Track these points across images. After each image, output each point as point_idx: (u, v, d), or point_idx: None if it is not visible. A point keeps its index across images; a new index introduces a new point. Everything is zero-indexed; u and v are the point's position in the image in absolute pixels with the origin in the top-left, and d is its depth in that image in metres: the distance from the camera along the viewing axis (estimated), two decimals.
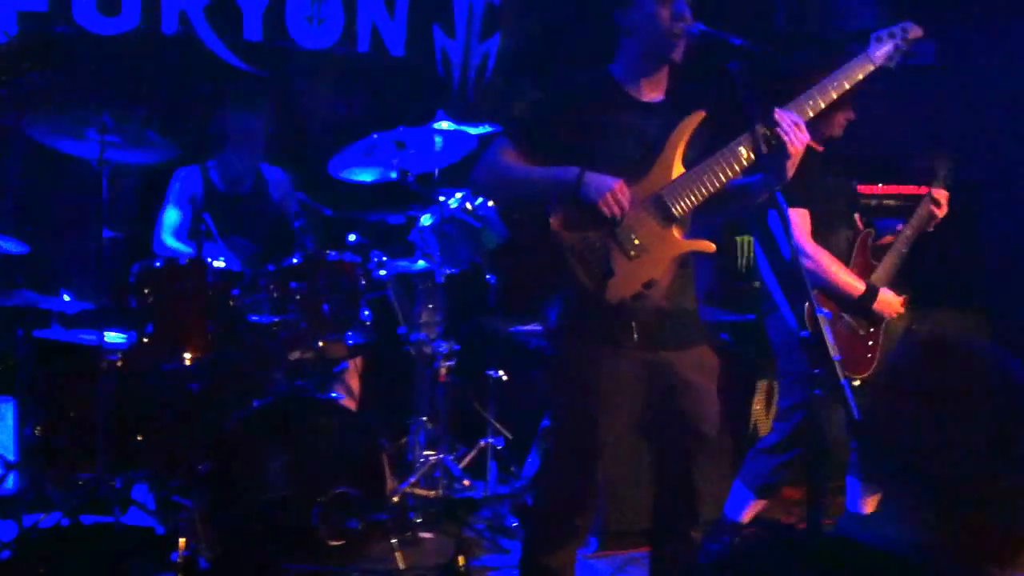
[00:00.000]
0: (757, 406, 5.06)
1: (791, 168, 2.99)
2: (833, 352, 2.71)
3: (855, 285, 4.05)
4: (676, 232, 3.05)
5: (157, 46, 5.13)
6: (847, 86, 3.12)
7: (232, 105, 4.89)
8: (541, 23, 5.92)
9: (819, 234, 4.06)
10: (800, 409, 4.13)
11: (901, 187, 4.96)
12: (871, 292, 4.05)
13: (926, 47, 5.29)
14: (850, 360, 4.04)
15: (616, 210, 2.92)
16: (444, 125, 4.74)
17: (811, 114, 3.07)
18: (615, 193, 2.91)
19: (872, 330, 4.09)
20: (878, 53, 3.18)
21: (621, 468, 3.99)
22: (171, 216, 4.75)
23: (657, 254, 3.02)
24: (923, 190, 4.35)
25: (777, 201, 2.93)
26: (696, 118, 3.07)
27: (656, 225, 3.02)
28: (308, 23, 5.40)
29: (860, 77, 3.15)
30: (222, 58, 5.25)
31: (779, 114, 2.97)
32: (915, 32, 3.21)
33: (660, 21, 3.03)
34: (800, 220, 3.99)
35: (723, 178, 3.02)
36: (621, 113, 3.10)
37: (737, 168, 3.03)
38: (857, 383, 4.07)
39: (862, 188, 4.56)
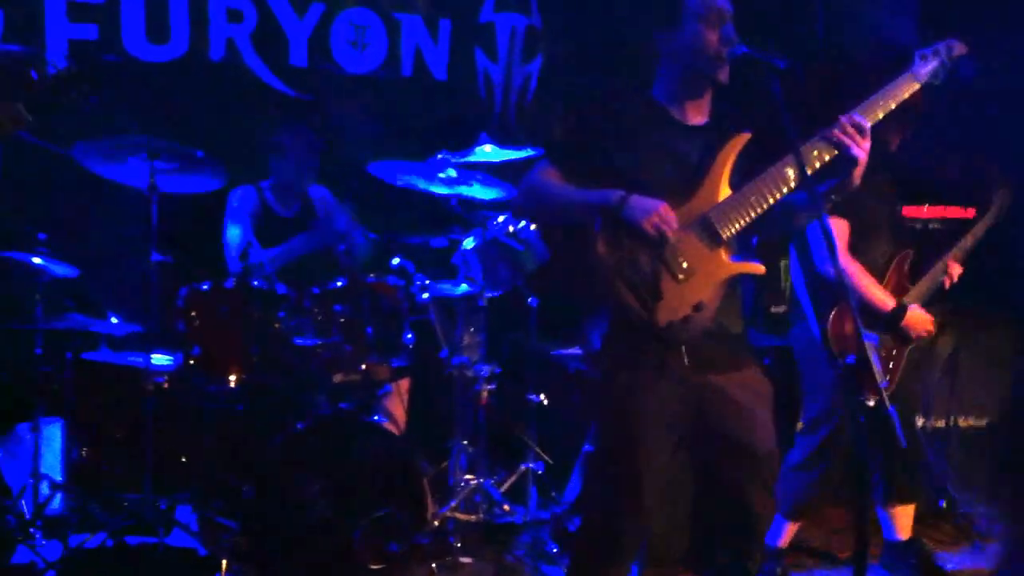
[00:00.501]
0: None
1: (858, 176, 2.98)
2: (880, 379, 2.69)
3: (885, 300, 4.01)
4: (724, 254, 3.03)
5: (205, 73, 5.21)
6: (892, 105, 3.11)
7: (283, 128, 4.95)
8: (583, 46, 5.92)
9: (855, 247, 4.03)
10: (825, 423, 4.09)
11: (946, 208, 4.91)
12: (901, 309, 4.00)
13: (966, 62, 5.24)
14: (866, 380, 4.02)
15: (660, 232, 2.90)
16: (487, 148, 4.77)
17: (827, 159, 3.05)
18: (660, 215, 2.90)
19: (895, 351, 4.04)
20: (923, 71, 3.17)
21: (665, 495, 3.97)
22: (235, 235, 4.80)
23: (705, 277, 3.00)
24: (968, 212, 4.32)
25: (821, 217, 2.90)
26: (742, 140, 3.07)
27: (704, 248, 3.00)
28: (352, 48, 5.46)
29: (906, 95, 3.14)
30: (268, 83, 5.33)
31: (844, 120, 2.96)
32: (960, 50, 3.20)
33: (707, 44, 3.03)
34: (838, 230, 3.95)
35: (771, 199, 3.01)
36: (665, 135, 3.09)
37: (785, 189, 3.01)
38: (872, 403, 4.02)
39: (907, 211, 4.52)
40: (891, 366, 4.05)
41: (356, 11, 5.45)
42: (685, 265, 2.97)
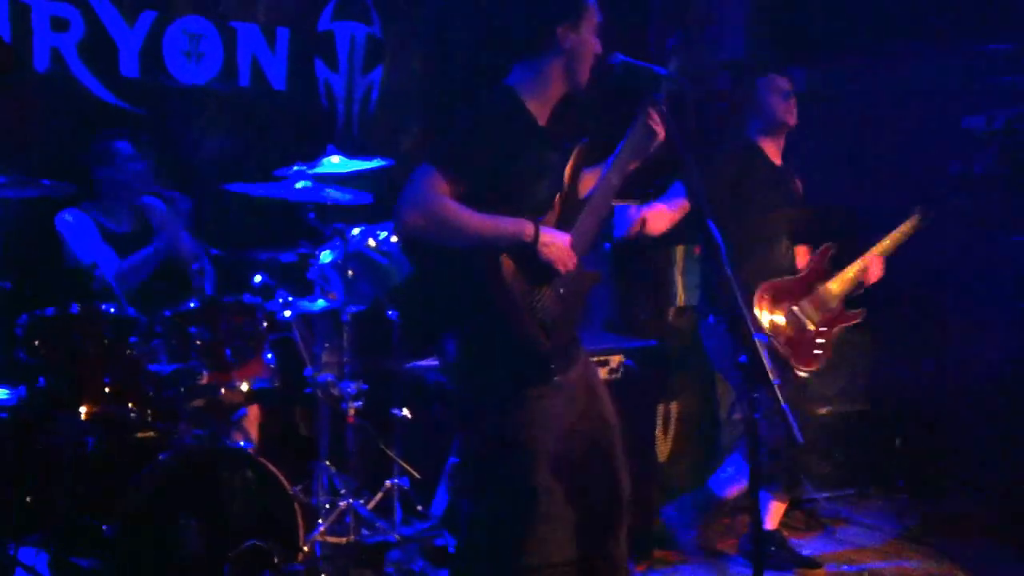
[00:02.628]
0: (657, 431, 5.10)
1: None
2: (772, 376, 2.75)
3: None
4: (581, 266, 3.13)
5: (29, 84, 4.87)
6: None
7: (104, 139, 4.68)
8: (425, 54, 5.87)
9: (760, 241, 4.17)
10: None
11: None
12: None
13: (797, 75, 5.46)
14: (798, 353, 4.18)
15: (569, 266, 3.01)
16: (335, 159, 4.65)
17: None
18: (567, 251, 3.00)
19: (824, 328, 4.22)
20: None
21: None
22: (93, 248, 4.51)
23: (578, 291, 3.14)
24: None
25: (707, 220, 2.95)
26: (584, 149, 3.17)
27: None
28: (186, 58, 5.22)
29: None
30: (98, 96, 5.03)
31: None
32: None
33: (592, 52, 3.10)
34: None
35: (610, 204, 3.25)
36: (532, 141, 3.10)
37: (612, 194, 3.17)
38: (805, 375, 4.21)
39: None
40: (819, 341, 4.29)
41: (190, 19, 5.21)
42: (570, 286, 3.08)
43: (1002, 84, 5.35)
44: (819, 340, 4.27)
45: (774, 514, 4.49)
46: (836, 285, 4.37)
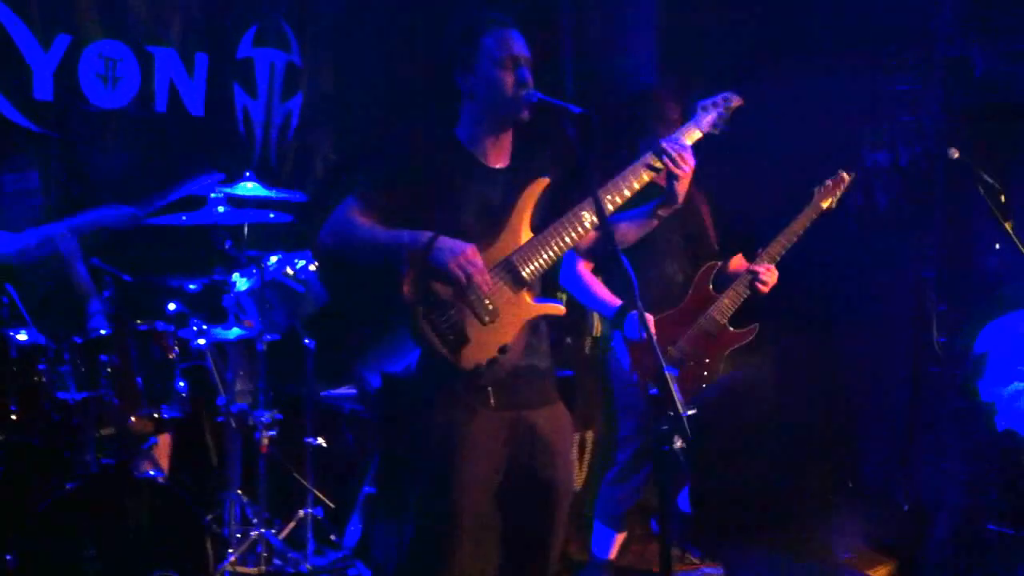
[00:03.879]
0: (573, 459, 5.16)
1: (682, 192, 3.18)
2: (682, 408, 2.80)
3: (610, 300, 4.20)
4: (527, 296, 3.09)
5: None
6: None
7: (10, 166, 4.61)
8: (345, 84, 5.88)
9: (650, 263, 4.21)
10: (635, 440, 4.28)
11: None
12: (623, 309, 4.15)
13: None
14: (683, 389, 4.22)
15: (467, 275, 2.93)
16: (251, 187, 4.65)
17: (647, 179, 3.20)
18: (467, 257, 2.92)
19: (708, 360, 4.24)
20: (704, 121, 3.35)
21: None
22: None
23: (510, 318, 3.05)
24: None
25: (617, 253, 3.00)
26: (541, 184, 3.15)
27: (508, 290, 3.05)
28: (102, 83, 5.17)
29: (690, 143, 3.30)
30: (8, 118, 4.93)
31: (665, 143, 3.17)
32: (737, 101, 3.40)
33: (504, 87, 3.08)
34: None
35: (569, 241, 3.11)
36: (470, 177, 3.13)
37: (582, 231, 3.11)
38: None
39: None
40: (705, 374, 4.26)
41: (106, 43, 5.15)
42: (491, 308, 3.01)
43: (905, 123, 5.52)
44: (704, 373, 4.31)
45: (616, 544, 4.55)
46: (720, 310, 4.29)
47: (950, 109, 5.29)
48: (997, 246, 4.60)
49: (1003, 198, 4.12)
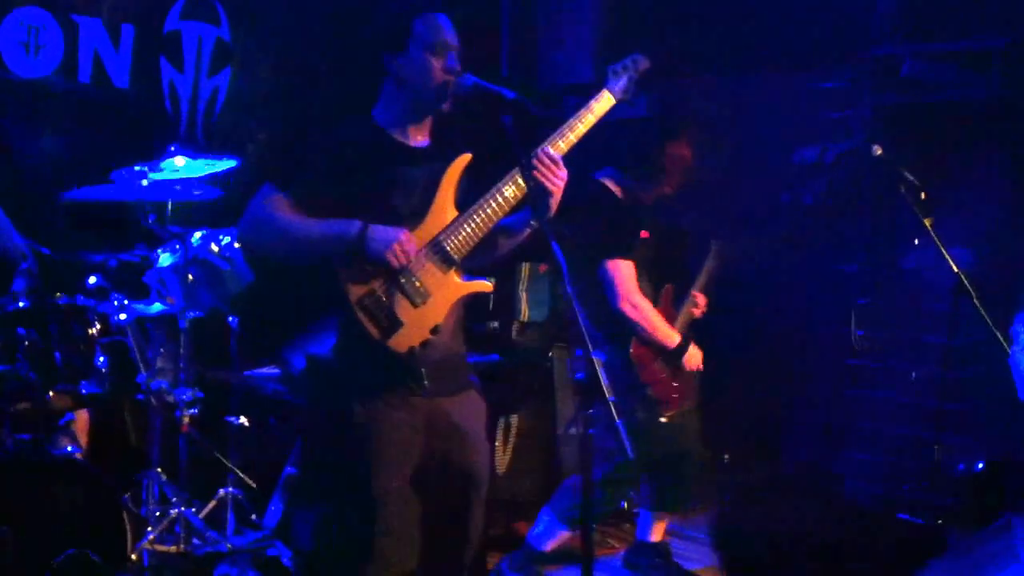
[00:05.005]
0: (498, 443, 5.17)
1: (555, 204, 3.08)
2: (608, 393, 2.82)
3: (671, 337, 4.32)
4: (456, 275, 3.09)
5: None
6: (592, 120, 3.23)
7: None
8: (273, 60, 5.81)
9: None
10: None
11: None
12: (683, 345, 4.32)
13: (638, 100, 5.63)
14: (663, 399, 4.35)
15: (403, 261, 2.92)
16: (179, 161, 4.56)
17: (564, 149, 3.15)
18: (401, 244, 2.92)
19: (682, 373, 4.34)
20: (617, 87, 3.33)
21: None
22: None
23: (440, 299, 3.05)
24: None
25: (551, 243, 3.01)
26: (463, 160, 3.13)
27: (437, 270, 3.05)
28: (24, 50, 5.04)
29: (604, 110, 3.28)
30: None
31: (540, 153, 3.05)
32: (644, 64, 3.39)
33: (432, 73, 3.06)
34: (628, 270, 4.23)
35: (494, 218, 3.09)
36: (391, 160, 3.10)
37: (506, 207, 3.10)
38: (664, 420, 4.31)
39: None
40: (675, 385, 4.37)
41: (29, 10, 5.01)
42: (422, 289, 3.00)
43: (834, 120, 5.61)
44: (675, 384, 4.40)
45: (657, 528, 4.61)
46: (678, 329, 4.46)
47: (878, 108, 5.39)
48: (916, 241, 4.69)
49: (923, 195, 4.20)
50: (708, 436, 5.14)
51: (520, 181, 3.06)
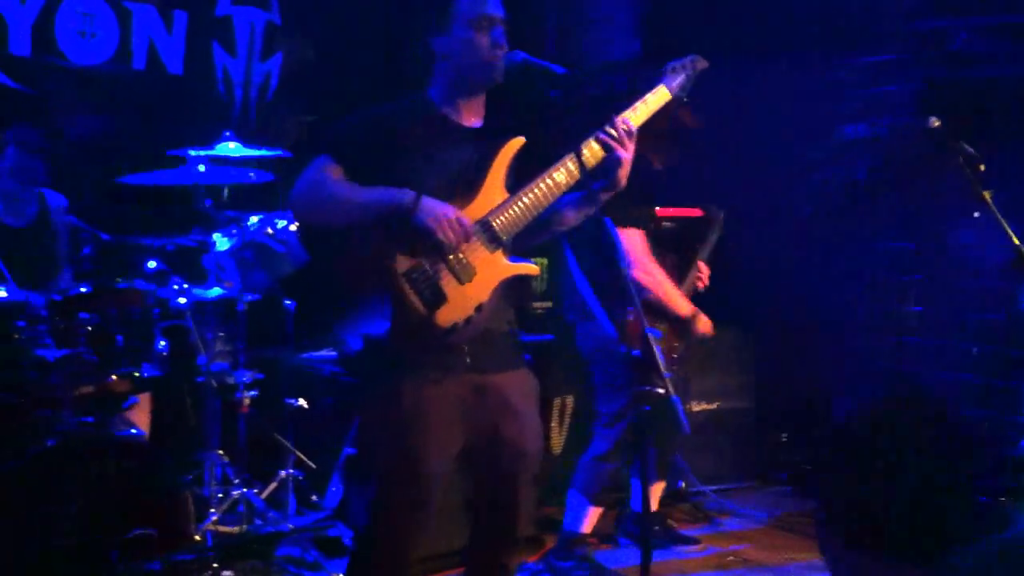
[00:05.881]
0: (553, 423, 5.18)
1: (624, 177, 3.08)
2: (664, 369, 2.83)
3: (683, 306, 4.30)
4: (502, 256, 3.09)
5: None
6: (647, 112, 3.20)
7: (6, 125, 4.55)
8: (324, 44, 5.84)
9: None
10: (624, 417, 4.31)
11: (676, 209, 5.24)
12: (696, 313, 4.28)
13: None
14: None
15: (452, 237, 2.92)
16: (231, 146, 4.61)
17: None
18: (451, 220, 2.92)
19: (675, 345, 4.32)
20: (674, 84, 3.33)
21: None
22: None
23: (485, 278, 3.04)
24: (695, 211, 4.70)
25: (603, 218, 3.04)
26: (516, 143, 3.12)
27: (484, 249, 3.04)
28: (80, 38, 5.11)
29: (659, 104, 3.27)
30: None
31: (617, 121, 3.06)
32: (701, 64, 3.39)
33: (478, 49, 3.05)
34: (640, 239, 4.23)
35: (546, 200, 3.08)
36: (443, 138, 3.10)
37: (557, 190, 3.08)
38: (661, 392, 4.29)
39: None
40: (673, 358, 4.31)
41: None
42: (468, 266, 3.00)
43: (881, 95, 5.54)
44: (673, 356, 4.42)
45: (653, 497, 4.62)
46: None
47: (927, 81, 5.31)
48: (976, 215, 4.62)
49: (982, 167, 4.14)
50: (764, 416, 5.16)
51: (570, 165, 3.06)
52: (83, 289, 4.03)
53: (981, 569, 2.95)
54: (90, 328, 3.99)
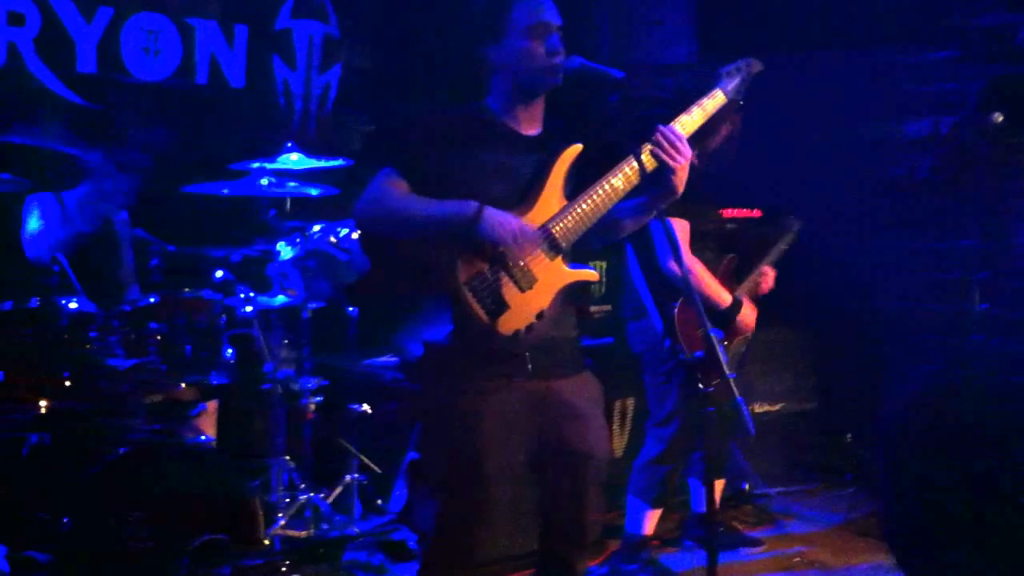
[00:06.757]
0: (614, 426, 5.18)
1: (680, 184, 3.09)
2: (727, 370, 2.83)
3: (722, 296, 4.26)
4: (562, 263, 3.10)
5: None
6: (703, 117, 3.21)
7: (85, 146, 4.66)
8: (382, 56, 5.91)
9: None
10: (677, 416, 4.30)
11: (736, 210, 5.21)
12: (736, 305, 4.26)
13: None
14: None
15: (515, 247, 2.95)
16: (294, 157, 4.69)
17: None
18: (515, 231, 2.95)
19: (725, 344, 4.31)
20: (729, 87, 3.32)
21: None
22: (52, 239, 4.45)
23: (546, 285, 3.06)
24: (754, 213, 4.68)
25: (663, 218, 3.07)
26: (575, 151, 3.13)
27: (544, 257, 3.06)
28: (144, 54, 5.22)
29: (715, 109, 3.27)
30: (54, 91, 5.00)
31: (662, 131, 3.06)
32: (757, 67, 3.38)
33: (535, 57, 3.06)
34: (681, 230, 4.20)
35: (605, 206, 3.09)
36: (503, 147, 3.12)
37: (616, 196, 3.10)
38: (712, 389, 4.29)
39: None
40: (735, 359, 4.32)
41: (147, 15, 5.20)
42: (529, 274, 3.03)
43: (944, 92, 5.48)
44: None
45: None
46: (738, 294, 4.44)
47: (990, 76, 5.24)
48: None
49: None
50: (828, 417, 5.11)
51: (628, 171, 3.07)
52: (152, 299, 4.11)
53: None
54: (159, 337, 4.08)
